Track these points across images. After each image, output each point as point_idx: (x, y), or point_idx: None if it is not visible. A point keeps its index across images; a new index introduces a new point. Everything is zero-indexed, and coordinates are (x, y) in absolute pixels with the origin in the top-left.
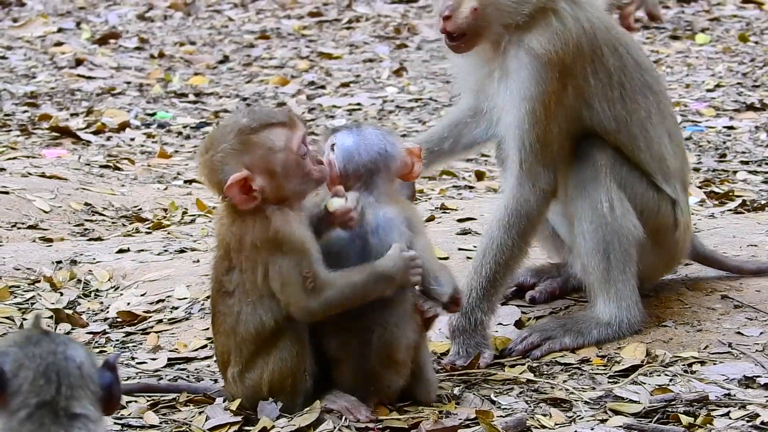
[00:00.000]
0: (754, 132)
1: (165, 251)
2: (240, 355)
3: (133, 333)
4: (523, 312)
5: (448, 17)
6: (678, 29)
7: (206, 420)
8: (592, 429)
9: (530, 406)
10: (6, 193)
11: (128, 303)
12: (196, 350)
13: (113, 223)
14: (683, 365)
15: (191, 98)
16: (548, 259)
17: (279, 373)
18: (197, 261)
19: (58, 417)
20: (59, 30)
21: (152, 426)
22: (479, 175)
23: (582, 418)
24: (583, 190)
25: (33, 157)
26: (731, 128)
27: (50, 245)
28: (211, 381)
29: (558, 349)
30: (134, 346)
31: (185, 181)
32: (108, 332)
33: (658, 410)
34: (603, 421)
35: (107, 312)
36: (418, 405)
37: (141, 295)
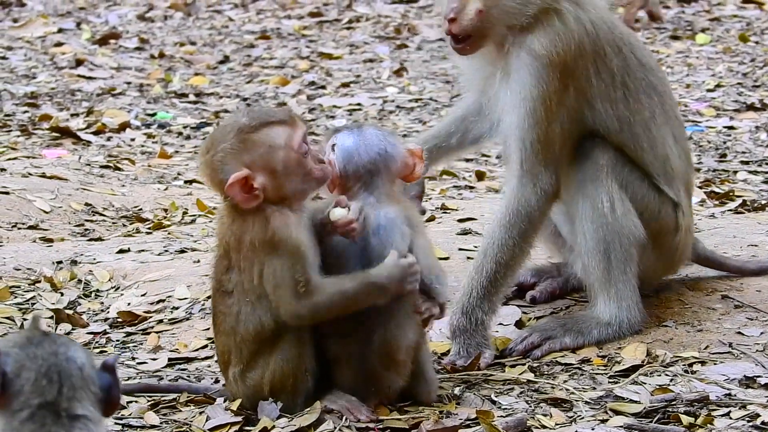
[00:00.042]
0: (755, 132)
1: (165, 251)
2: (241, 355)
3: (134, 333)
4: (524, 312)
5: (453, 20)
6: (678, 29)
7: (207, 420)
8: (593, 429)
9: (531, 406)
10: (6, 194)
11: (129, 303)
12: (197, 350)
13: (114, 224)
14: (684, 365)
15: (191, 98)
16: (549, 259)
17: (280, 373)
18: (197, 261)
19: (60, 417)
20: (59, 30)
21: (153, 426)
22: (479, 175)
23: (582, 418)
24: (584, 190)
25: (33, 158)
26: (731, 128)
27: (51, 245)
28: (212, 381)
29: (558, 349)
30: (135, 347)
31: (186, 182)
32: (108, 332)
33: (659, 410)
34: (603, 421)
35: (108, 312)
36: (419, 405)
37: (141, 296)
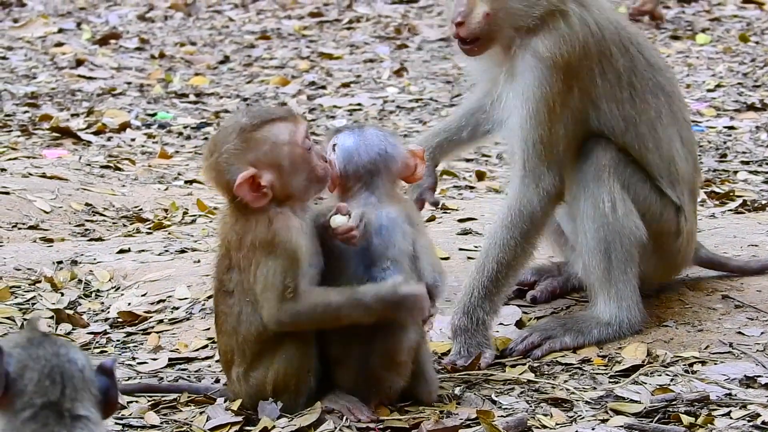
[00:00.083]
0: (755, 132)
1: (166, 251)
2: (244, 355)
3: (134, 333)
4: (524, 312)
5: (461, 23)
6: (678, 29)
7: (207, 420)
8: (593, 429)
9: (531, 406)
10: (7, 194)
11: (129, 303)
12: (197, 350)
13: (114, 224)
14: (684, 365)
15: (192, 98)
16: (549, 258)
17: (284, 373)
18: (198, 261)
19: (63, 418)
20: (60, 30)
21: (153, 426)
22: (480, 175)
23: (583, 418)
24: (586, 189)
25: (34, 158)
26: (732, 128)
27: (51, 245)
28: (212, 381)
29: (558, 349)
30: (135, 347)
31: (186, 182)
32: (109, 332)
33: (659, 410)
34: (604, 421)
35: (108, 312)
36: (419, 405)
37: (142, 296)
